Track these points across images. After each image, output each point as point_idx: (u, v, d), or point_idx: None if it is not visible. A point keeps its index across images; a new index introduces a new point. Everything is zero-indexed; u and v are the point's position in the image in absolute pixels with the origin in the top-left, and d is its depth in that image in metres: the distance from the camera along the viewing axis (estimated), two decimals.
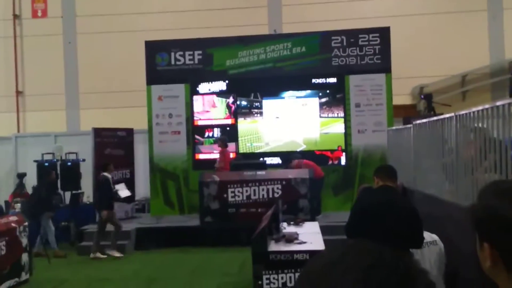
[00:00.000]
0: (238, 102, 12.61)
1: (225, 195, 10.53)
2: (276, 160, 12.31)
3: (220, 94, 12.59)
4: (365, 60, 12.28)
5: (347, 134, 12.29)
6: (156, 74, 12.72)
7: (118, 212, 11.02)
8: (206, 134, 12.68)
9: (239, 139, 12.52)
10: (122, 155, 12.58)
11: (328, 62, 12.33)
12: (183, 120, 12.68)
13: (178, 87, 12.64)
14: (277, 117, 12.47)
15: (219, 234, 10.59)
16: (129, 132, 12.98)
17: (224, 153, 11.44)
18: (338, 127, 12.34)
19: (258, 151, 12.55)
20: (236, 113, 12.60)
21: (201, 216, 10.74)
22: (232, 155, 12.10)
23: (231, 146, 12.29)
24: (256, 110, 12.45)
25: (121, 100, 14.97)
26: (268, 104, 12.53)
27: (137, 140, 13.18)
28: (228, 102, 12.66)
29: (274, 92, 12.50)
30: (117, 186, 10.58)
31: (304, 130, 12.44)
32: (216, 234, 10.62)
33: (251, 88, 12.46)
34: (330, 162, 12.32)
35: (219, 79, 12.62)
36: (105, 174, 10.26)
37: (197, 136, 12.73)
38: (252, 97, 12.44)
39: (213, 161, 11.90)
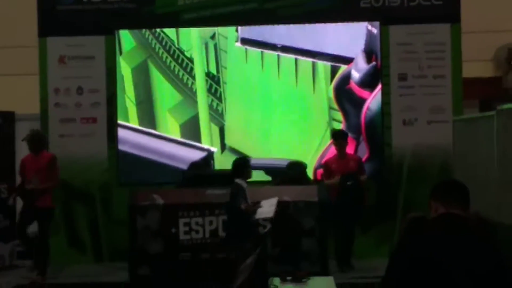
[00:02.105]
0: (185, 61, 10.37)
1: (173, 230, 8.86)
2: (261, 175, 9.89)
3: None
4: (416, 0, 9.93)
5: (383, 127, 9.98)
6: (56, 19, 10.37)
7: None
8: None
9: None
10: None
11: (353, 3, 10.10)
12: (103, 99, 10.39)
13: (94, 41, 10.36)
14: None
15: None
16: (7, 117, 10.28)
17: (52, 161, 9.03)
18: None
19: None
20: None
21: (131, 265, 8.83)
22: None
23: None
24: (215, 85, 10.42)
25: None
26: (237, 71, 10.29)
27: (21, 132, 10.30)
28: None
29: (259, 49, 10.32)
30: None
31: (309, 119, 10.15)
32: None
33: None
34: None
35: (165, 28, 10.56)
36: (238, 181, 8.06)
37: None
38: (216, 61, 10.34)
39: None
